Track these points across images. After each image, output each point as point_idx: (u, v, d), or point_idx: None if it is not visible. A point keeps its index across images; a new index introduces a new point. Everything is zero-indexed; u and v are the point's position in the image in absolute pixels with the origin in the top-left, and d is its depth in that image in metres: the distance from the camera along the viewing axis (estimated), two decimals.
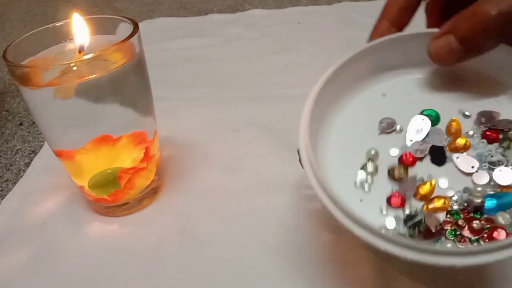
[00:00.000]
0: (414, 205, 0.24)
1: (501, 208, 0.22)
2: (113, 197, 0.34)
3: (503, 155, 0.24)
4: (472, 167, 0.24)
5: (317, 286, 0.28)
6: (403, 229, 0.23)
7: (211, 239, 0.32)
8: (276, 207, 0.34)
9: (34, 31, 0.32)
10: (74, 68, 0.28)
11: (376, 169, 0.25)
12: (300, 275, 0.29)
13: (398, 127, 0.27)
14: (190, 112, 0.48)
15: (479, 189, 0.23)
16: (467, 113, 0.26)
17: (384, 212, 0.24)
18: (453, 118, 0.26)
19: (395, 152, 0.26)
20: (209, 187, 0.37)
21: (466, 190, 0.23)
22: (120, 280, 0.30)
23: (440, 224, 0.22)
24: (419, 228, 0.23)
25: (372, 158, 0.25)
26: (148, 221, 0.34)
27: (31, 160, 0.43)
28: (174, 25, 0.72)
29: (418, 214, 0.23)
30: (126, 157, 0.33)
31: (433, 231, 0.22)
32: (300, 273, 0.29)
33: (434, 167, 0.25)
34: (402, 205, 0.24)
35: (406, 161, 0.25)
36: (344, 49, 0.60)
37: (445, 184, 0.24)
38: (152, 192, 0.36)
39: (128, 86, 0.31)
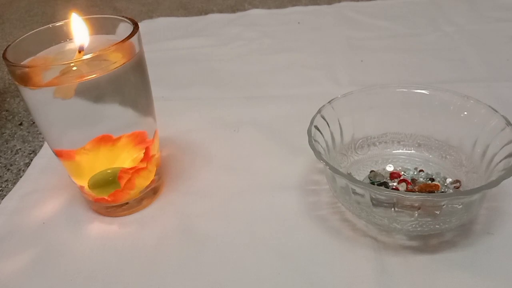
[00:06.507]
0: None
1: None
2: (113, 197, 0.34)
3: None
4: None
5: (317, 286, 0.28)
6: None
7: (211, 239, 0.32)
8: (276, 207, 0.34)
9: (34, 31, 0.32)
10: (74, 68, 0.28)
11: None
12: (300, 275, 0.29)
13: None
14: (190, 112, 0.48)
15: None
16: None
17: None
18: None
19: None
20: (209, 187, 0.37)
21: None
22: (120, 280, 0.30)
23: None
24: None
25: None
26: (148, 221, 0.34)
27: (31, 160, 0.43)
28: (174, 25, 0.72)
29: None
30: (126, 157, 0.33)
31: None
32: (300, 273, 0.29)
33: None
34: None
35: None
36: (344, 49, 0.60)
37: None
38: (152, 192, 0.36)
39: (128, 86, 0.31)
